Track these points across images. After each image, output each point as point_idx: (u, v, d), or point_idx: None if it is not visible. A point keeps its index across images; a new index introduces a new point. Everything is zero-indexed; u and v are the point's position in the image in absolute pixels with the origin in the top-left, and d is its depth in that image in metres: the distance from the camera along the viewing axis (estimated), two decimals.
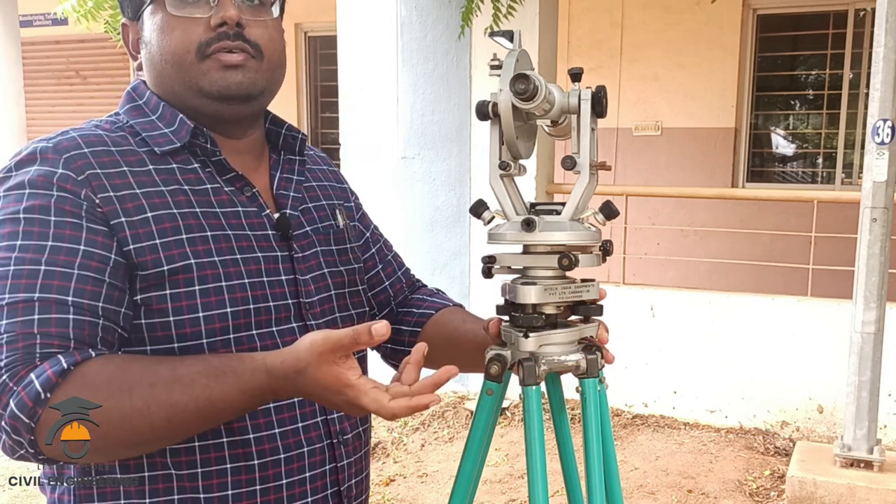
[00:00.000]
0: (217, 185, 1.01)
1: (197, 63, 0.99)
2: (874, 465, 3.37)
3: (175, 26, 0.99)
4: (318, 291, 1.06)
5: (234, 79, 0.99)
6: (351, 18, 4.64)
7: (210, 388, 0.86)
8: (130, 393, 0.85)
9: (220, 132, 1.04)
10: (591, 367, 1.02)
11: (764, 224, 5.65)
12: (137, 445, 0.89)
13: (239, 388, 0.87)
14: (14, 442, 0.84)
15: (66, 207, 0.91)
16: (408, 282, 1.28)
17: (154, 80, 1.04)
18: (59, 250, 0.89)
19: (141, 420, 0.84)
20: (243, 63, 1.00)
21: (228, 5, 0.99)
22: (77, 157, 0.93)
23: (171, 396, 0.85)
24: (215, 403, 0.86)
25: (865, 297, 3.38)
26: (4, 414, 0.83)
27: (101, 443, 0.85)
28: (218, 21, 0.98)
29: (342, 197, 1.20)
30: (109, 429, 0.84)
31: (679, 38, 6.13)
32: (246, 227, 1.01)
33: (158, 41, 1.00)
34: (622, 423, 4.35)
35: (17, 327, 0.86)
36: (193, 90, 1.00)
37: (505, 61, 0.99)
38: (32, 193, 0.91)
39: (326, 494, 1.05)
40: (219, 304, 0.95)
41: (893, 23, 3.19)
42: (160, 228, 0.94)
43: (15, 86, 5.91)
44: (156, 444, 0.91)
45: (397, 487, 3.66)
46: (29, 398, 0.83)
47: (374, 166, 4.66)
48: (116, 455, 0.92)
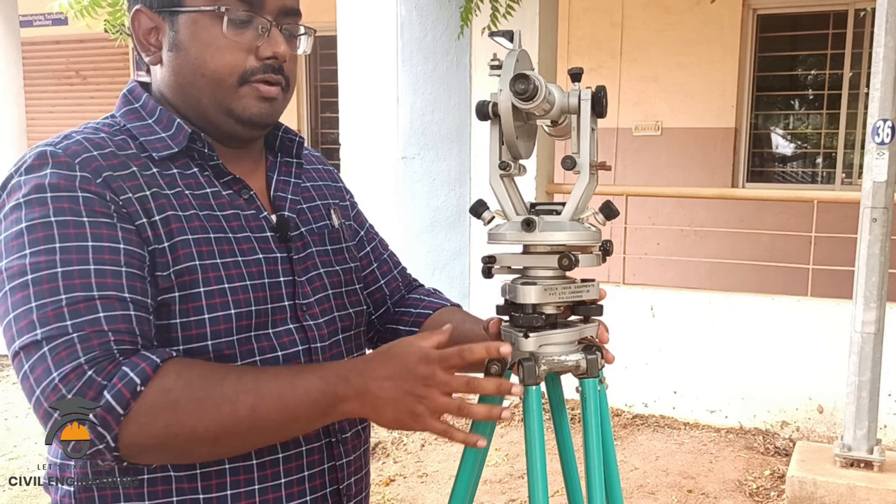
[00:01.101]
0: (216, 189, 1.01)
1: (235, 87, 0.99)
2: (874, 465, 3.37)
3: (223, 46, 0.98)
4: (315, 292, 1.07)
5: (266, 110, 1.01)
6: (351, 18, 4.64)
7: (293, 377, 0.90)
8: (222, 381, 0.88)
9: (224, 143, 1.05)
10: (591, 367, 1.02)
11: (764, 224, 5.65)
12: (216, 441, 0.89)
13: (319, 375, 0.90)
14: (96, 435, 0.84)
15: (96, 208, 0.91)
16: (404, 281, 1.28)
17: (176, 85, 1.02)
18: (102, 249, 0.90)
19: (228, 407, 0.87)
20: (276, 96, 1.02)
21: (280, 41, 1.00)
22: (89, 160, 0.93)
23: (258, 383, 0.89)
24: (296, 393, 0.89)
25: (865, 297, 3.38)
26: (95, 407, 0.84)
27: (185, 438, 0.86)
28: (269, 54, 0.99)
29: (337, 196, 1.21)
30: (198, 419, 0.86)
31: (679, 38, 6.13)
32: (247, 230, 1.01)
33: (200, 54, 0.99)
34: (622, 423, 4.35)
35: (85, 326, 0.86)
36: (223, 110, 1.00)
37: (505, 61, 0.99)
38: (57, 197, 0.90)
39: (325, 493, 1.05)
40: (223, 306, 0.95)
41: (893, 23, 3.19)
42: (168, 231, 0.94)
43: (15, 86, 5.90)
44: (228, 443, 0.91)
45: (397, 487, 3.66)
46: (127, 389, 0.84)
47: (374, 166, 4.66)
48: (192, 452, 0.91)
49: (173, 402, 0.86)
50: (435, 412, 0.90)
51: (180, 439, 0.87)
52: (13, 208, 0.91)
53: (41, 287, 0.87)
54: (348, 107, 4.74)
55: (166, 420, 0.85)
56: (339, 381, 0.90)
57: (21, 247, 0.89)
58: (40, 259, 0.88)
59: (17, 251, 0.89)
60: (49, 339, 0.85)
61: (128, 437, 0.85)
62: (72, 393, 0.84)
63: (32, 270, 0.88)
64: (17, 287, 0.88)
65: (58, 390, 0.84)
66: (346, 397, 0.90)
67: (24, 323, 0.86)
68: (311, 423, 0.94)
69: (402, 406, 0.89)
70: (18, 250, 0.89)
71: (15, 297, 0.88)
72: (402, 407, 0.89)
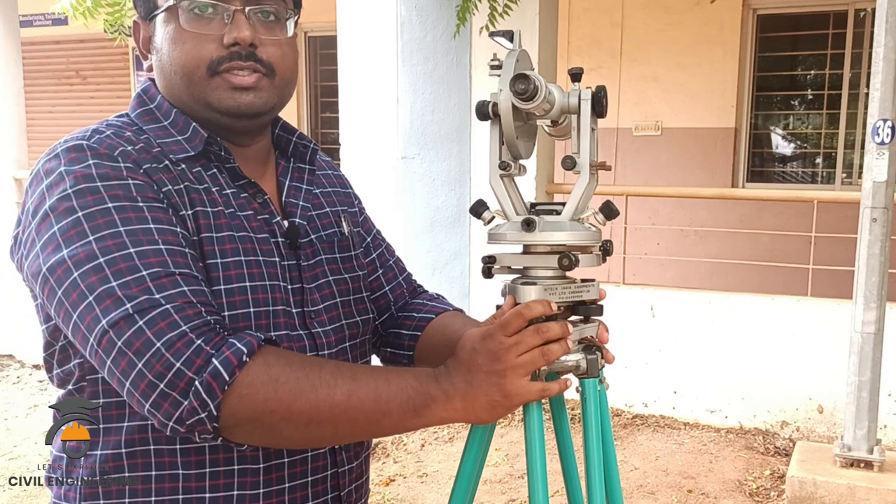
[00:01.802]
0: (234, 191, 1.02)
1: (206, 79, 0.98)
2: (874, 465, 3.37)
3: (186, 40, 0.98)
4: (323, 300, 1.07)
5: (244, 99, 1.00)
6: (351, 18, 4.64)
7: (389, 373, 0.92)
8: (321, 367, 0.90)
9: (230, 140, 1.05)
10: (592, 367, 1.02)
11: (764, 224, 5.65)
12: (309, 423, 0.89)
13: (412, 373, 0.92)
14: (200, 403, 0.84)
15: (148, 195, 0.91)
16: (408, 287, 1.28)
17: (164, 86, 1.03)
18: (165, 231, 0.90)
19: (325, 390, 0.88)
20: (255, 84, 1.00)
21: (243, 25, 0.98)
22: (127, 153, 0.93)
23: (356, 373, 0.91)
24: (391, 388, 0.90)
25: (865, 297, 3.38)
26: (202, 375, 0.83)
27: (281, 416, 0.87)
28: (231, 40, 0.98)
29: (346, 203, 1.21)
30: (296, 398, 0.87)
31: (679, 38, 6.13)
32: (265, 232, 1.02)
33: (169, 51, 0.99)
34: (622, 423, 4.35)
35: (176, 297, 0.86)
36: (202, 104, 1.00)
37: (505, 61, 0.99)
38: (109, 185, 0.89)
39: (327, 499, 1.06)
40: (242, 304, 0.96)
41: (893, 23, 3.19)
42: (197, 225, 0.95)
43: (15, 86, 5.90)
44: (320, 428, 0.90)
45: (397, 487, 3.66)
46: (235, 357, 0.85)
47: (374, 166, 4.66)
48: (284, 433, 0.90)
49: (274, 377, 0.86)
50: (523, 376, 0.90)
51: (276, 416, 0.87)
52: (61, 199, 0.89)
53: (118, 267, 0.86)
54: (348, 107, 4.74)
55: (265, 394, 0.86)
56: (430, 382, 0.91)
57: (82, 234, 0.87)
58: (108, 243, 0.87)
59: (80, 239, 0.87)
60: (142, 312, 0.84)
61: (228, 407, 0.85)
62: (180, 361, 0.83)
63: (103, 254, 0.86)
64: (88, 271, 0.86)
65: (165, 359, 0.83)
66: (436, 398, 0.90)
67: (110, 301, 0.85)
68: (404, 422, 0.92)
69: (490, 389, 0.89)
70: (80, 238, 0.87)
71: (88, 280, 0.86)
72: (490, 390, 0.89)
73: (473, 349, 0.90)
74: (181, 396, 0.84)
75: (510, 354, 0.89)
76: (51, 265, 0.88)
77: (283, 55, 1.03)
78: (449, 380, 0.90)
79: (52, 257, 0.88)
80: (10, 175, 5.78)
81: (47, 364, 1.02)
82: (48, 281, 0.89)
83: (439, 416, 0.91)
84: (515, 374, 0.89)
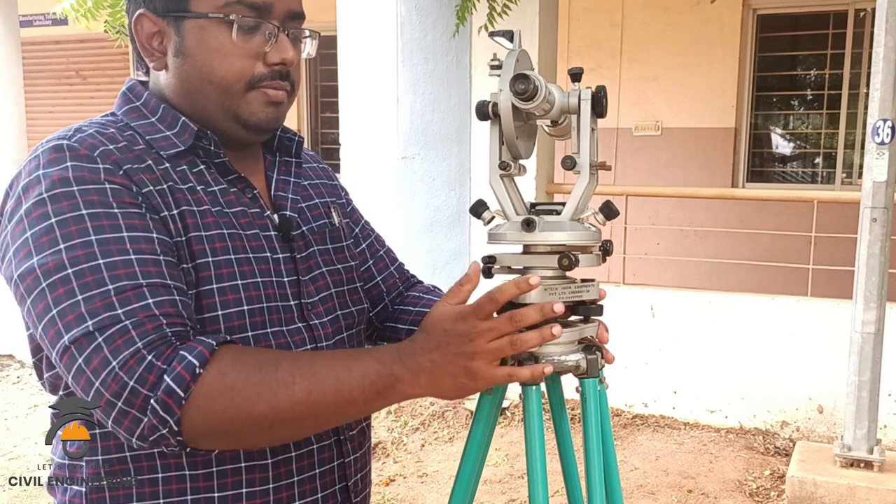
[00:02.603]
0: (223, 187, 1.01)
1: (243, 93, 0.99)
2: (874, 465, 3.37)
3: (229, 52, 0.97)
4: (318, 291, 1.07)
5: (273, 115, 1.01)
6: (351, 18, 4.64)
7: (349, 360, 0.90)
8: (277, 366, 0.88)
9: (228, 147, 1.04)
10: (591, 367, 1.02)
11: (764, 224, 5.65)
12: (273, 426, 0.88)
13: (373, 357, 0.90)
14: (159, 420, 0.83)
15: (125, 199, 0.90)
16: (401, 277, 1.28)
17: (183, 91, 1.00)
18: (139, 240, 0.89)
19: (284, 391, 0.86)
20: (283, 100, 1.02)
21: (288, 47, 1.00)
22: (108, 152, 0.92)
23: (314, 367, 0.89)
24: (352, 376, 0.88)
25: (865, 297, 3.38)
26: (156, 392, 0.83)
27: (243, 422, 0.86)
28: (277, 60, 0.99)
29: (334, 194, 1.21)
30: (255, 403, 0.85)
31: (679, 38, 6.13)
32: (256, 227, 1.02)
33: (207, 60, 0.97)
34: (622, 423, 4.35)
35: (137, 312, 0.85)
36: (230, 116, 1.00)
37: (505, 61, 0.99)
38: (85, 189, 0.89)
39: (335, 490, 1.06)
40: (235, 303, 0.95)
41: (893, 23, 3.19)
42: (184, 225, 0.94)
43: (15, 86, 5.90)
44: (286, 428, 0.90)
45: (397, 487, 3.66)
46: (186, 372, 0.83)
47: (374, 166, 4.66)
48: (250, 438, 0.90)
49: (230, 386, 0.85)
50: (491, 361, 0.89)
51: (238, 423, 0.86)
52: (36, 204, 0.88)
53: (85, 280, 0.85)
54: (348, 107, 4.74)
55: (223, 404, 0.85)
56: (394, 362, 0.89)
57: (54, 242, 0.86)
58: (78, 253, 0.86)
59: (50, 247, 0.86)
60: (102, 330, 0.84)
61: (188, 421, 0.84)
62: (133, 379, 0.82)
63: (72, 264, 0.86)
64: (56, 283, 0.85)
65: (119, 378, 0.82)
66: (402, 377, 0.89)
67: (73, 317, 0.84)
68: (369, 406, 0.91)
69: (457, 370, 0.88)
70: (51, 246, 0.86)
71: (55, 292, 0.85)
72: (457, 371, 0.88)
73: (445, 330, 0.89)
74: (140, 413, 0.83)
75: (481, 339, 0.87)
76: (21, 273, 0.88)
77: (299, 74, 1.06)
78: (415, 358, 0.89)
79: (24, 264, 0.88)
80: (10, 175, 5.77)
81: (37, 369, 1.02)
82: (19, 288, 0.89)
83: (405, 394, 0.91)
84: (483, 359, 0.88)
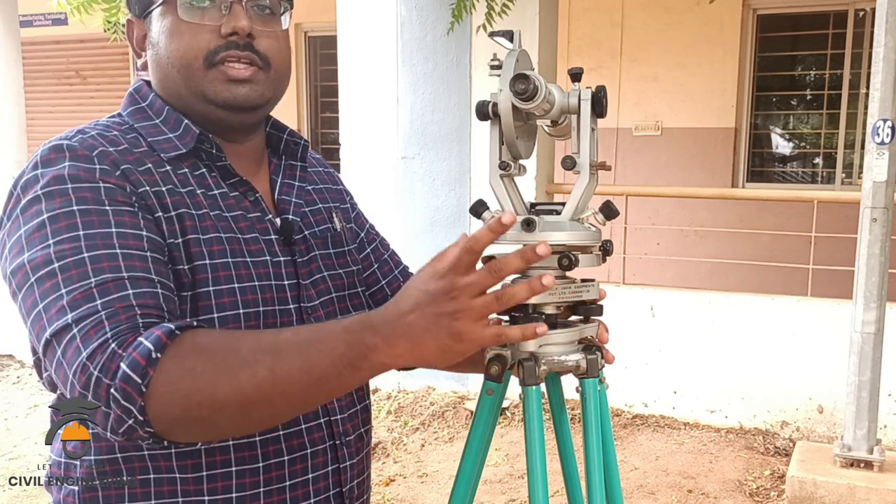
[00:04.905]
0: (224, 190, 1.01)
1: (204, 71, 0.99)
2: (874, 465, 3.37)
3: (184, 31, 0.98)
4: (319, 295, 1.07)
5: (240, 92, 1.00)
6: (351, 18, 4.64)
7: (315, 332, 0.85)
8: (239, 345, 0.84)
9: (223, 137, 1.05)
10: (591, 367, 1.02)
11: (764, 224, 5.65)
12: (241, 410, 0.83)
13: (342, 326, 0.83)
14: (123, 411, 0.80)
15: (117, 198, 0.91)
16: (405, 280, 1.28)
17: (159, 82, 1.03)
18: (127, 236, 0.89)
19: (246, 371, 0.81)
20: (251, 77, 1.00)
21: (241, 15, 0.99)
22: (106, 153, 0.93)
23: (278, 343, 0.83)
24: (320, 349, 0.82)
25: (865, 297, 3.38)
26: (115, 380, 0.80)
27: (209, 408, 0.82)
28: (229, 30, 0.98)
29: (338, 199, 1.21)
30: (217, 386, 0.81)
31: (679, 38, 6.13)
32: (255, 231, 1.01)
33: (166, 44, 1.00)
34: (622, 423, 4.35)
35: (114, 303, 0.84)
36: (199, 97, 1.00)
37: (505, 61, 0.99)
38: (79, 187, 0.90)
39: (329, 496, 1.05)
40: (231, 306, 0.95)
41: (893, 23, 3.19)
42: (182, 227, 0.95)
43: (15, 86, 5.90)
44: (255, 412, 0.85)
45: (397, 487, 3.66)
46: (141, 357, 0.80)
47: (374, 166, 4.66)
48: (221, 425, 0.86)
49: (189, 369, 0.82)
50: (476, 319, 0.80)
51: (204, 409, 0.82)
52: (31, 201, 0.90)
53: (69, 273, 0.85)
54: (348, 107, 4.74)
55: (185, 389, 0.81)
56: (364, 330, 0.81)
57: (44, 237, 0.87)
58: (65, 247, 0.86)
59: (41, 242, 0.87)
60: (78, 321, 0.83)
61: (152, 409, 0.81)
62: (97, 369, 0.81)
63: (58, 258, 0.86)
64: (43, 277, 0.86)
65: (86, 369, 0.81)
66: (374, 346, 0.81)
67: (55, 310, 0.85)
68: (342, 381, 0.84)
69: (440, 332, 0.79)
70: (41, 241, 0.87)
71: (43, 287, 0.86)
72: (440, 333, 0.79)
73: (421, 290, 0.80)
74: (106, 406, 0.81)
75: (463, 296, 0.79)
76: (13, 268, 0.89)
77: (278, 48, 1.04)
78: (389, 324, 0.81)
79: (16, 260, 0.89)
80: (11, 175, 5.78)
81: (37, 367, 1.02)
82: (12, 284, 0.90)
83: (381, 363, 0.82)
84: (468, 317, 0.79)
